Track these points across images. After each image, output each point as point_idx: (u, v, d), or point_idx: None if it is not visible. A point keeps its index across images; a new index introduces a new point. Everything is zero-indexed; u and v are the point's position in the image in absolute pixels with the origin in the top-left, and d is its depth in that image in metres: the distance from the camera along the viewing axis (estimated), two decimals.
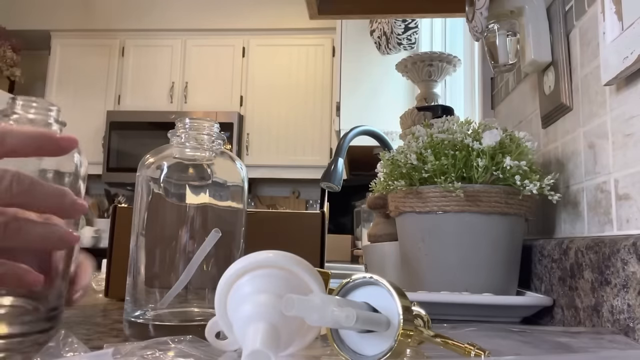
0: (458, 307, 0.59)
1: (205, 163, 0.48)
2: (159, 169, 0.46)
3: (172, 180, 0.46)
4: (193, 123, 0.47)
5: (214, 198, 0.47)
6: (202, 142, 0.47)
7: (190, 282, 0.44)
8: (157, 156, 0.48)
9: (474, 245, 0.62)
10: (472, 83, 1.77)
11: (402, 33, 1.93)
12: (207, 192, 0.47)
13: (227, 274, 0.32)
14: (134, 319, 0.44)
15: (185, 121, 0.47)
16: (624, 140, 0.51)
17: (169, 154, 0.47)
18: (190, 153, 0.47)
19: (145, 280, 0.45)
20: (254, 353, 0.27)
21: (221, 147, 0.49)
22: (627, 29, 0.48)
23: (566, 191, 0.65)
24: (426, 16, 1.15)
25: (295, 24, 3.78)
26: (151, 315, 0.44)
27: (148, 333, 0.42)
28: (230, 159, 0.50)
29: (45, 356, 0.31)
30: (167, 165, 0.47)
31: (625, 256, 0.45)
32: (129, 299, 0.44)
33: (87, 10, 3.99)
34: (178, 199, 0.47)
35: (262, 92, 3.89)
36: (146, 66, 4.01)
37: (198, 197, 0.47)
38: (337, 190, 1.09)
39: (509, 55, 0.73)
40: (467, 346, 0.33)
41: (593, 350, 0.40)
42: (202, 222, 0.46)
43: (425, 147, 0.64)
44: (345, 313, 0.27)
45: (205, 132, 0.47)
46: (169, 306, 0.44)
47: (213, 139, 0.47)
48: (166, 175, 0.46)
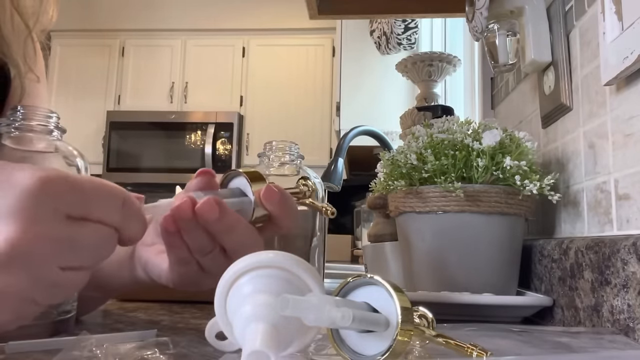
0: (458, 307, 0.58)
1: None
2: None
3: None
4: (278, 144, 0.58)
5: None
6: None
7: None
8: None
9: (474, 245, 0.62)
10: (472, 83, 1.77)
11: (402, 33, 1.93)
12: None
13: (226, 275, 0.32)
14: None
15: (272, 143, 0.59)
16: (624, 140, 0.51)
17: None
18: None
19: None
20: (254, 353, 0.27)
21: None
22: (627, 29, 0.48)
23: (566, 191, 0.65)
24: (426, 16, 1.16)
25: (295, 24, 3.78)
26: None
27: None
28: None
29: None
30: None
31: (625, 256, 0.45)
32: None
33: (87, 10, 3.99)
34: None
35: (262, 92, 3.89)
36: (146, 66, 4.01)
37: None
38: (337, 190, 1.09)
39: (509, 55, 0.73)
40: (469, 346, 0.33)
41: (593, 350, 0.40)
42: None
43: (425, 147, 0.64)
44: (342, 313, 0.27)
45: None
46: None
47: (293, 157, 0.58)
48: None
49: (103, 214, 0.34)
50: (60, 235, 0.32)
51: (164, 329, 0.48)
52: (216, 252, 0.42)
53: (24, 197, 0.30)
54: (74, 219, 0.32)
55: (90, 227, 0.33)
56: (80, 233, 0.33)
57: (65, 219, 0.32)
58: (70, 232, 0.32)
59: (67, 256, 0.32)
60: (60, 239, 0.32)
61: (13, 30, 0.65)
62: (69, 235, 0.32)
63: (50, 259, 0.31)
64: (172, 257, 0.44)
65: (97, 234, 0.34)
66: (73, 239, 0.32)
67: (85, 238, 0.33)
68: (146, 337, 0.39)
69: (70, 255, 0.32)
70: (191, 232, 0.41)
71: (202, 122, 3.78)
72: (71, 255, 0.32)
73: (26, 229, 0.30)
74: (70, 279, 0.33)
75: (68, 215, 0.32)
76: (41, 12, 0.69)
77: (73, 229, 0.32)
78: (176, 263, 0.44)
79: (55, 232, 0.31)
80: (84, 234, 0.33)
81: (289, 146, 0.58)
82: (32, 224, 0.30)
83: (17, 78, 0.65)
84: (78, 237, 0.32)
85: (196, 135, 3.78)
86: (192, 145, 3.77)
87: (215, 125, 3.75)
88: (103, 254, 0.35)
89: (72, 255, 0.33)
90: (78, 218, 0.32)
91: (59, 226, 0.31)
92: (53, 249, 0.31)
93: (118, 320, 0.53)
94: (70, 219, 0.32)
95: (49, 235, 0.31)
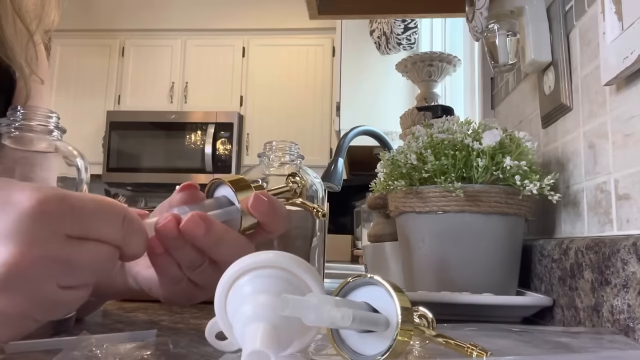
0: (458, 307, 0.58)
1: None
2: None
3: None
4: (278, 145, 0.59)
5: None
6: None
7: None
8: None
9: (474, 245, 0.62)
10: (472, 83, 1.77)
11: (402, 33, 1.93)
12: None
13: (226, 275, 0.32)
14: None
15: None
16: (624, 140, 0.51)
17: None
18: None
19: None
20: (254, 353, 0.27)
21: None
22: (627, 29, 0.48)
23: (566, 191, 0.65)
24: (426, 16, 1.16)
25: (295, 24, 3.78)
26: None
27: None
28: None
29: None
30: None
31: (625, 256, 0.45)
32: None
33: (87, 10, 3.99)
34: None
35: (262, 92, 3.89)
36: (146, 66, 4.01)
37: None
38: (337, 190, 1.09)
39: (509, 55, 0.73)
40: (469, 346, 0.33)
41: (593, 350, 0.40)
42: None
43: (425, 147, 0.64)
44: (342, 313, 0.27)
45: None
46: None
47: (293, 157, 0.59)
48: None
49: (103, 232, 0.33)
50: (59, 256, 0.31)
51: (164, 329, 0.48)
52: (205, 265, 0.41)
53: (22, 220, 0.30)
54: (74, 239, 0.32)
55: (90, 245, 0.33)
56: (80, 252, 0.32)
57: (64, 239, 0.32)
58: (69, 252, 0.32)
59: (66, 276, 0.32)
60: (59, 260, 0.31)
61: (15, 33, 0.65)
62: (68, 255, 0.32)
63: (49, 279, 0.31)
64: (163, 277, 0.43)
65: (97, 253, 0.33)
66: (72, 258, 0.32)
67: (84, 257, 0.33)
68: (146, 337, 0.39)
69: (70, 274, 0.32)
70: (179, 249, 0.40)
71: (202, 122, 3.78)
72: (70, 274, 0.32)
73: (24, 252, 0.30)
74: (70, 296, 0.33)
75: (67, 235, 0.32)
76: (43, 16, 0.69)
77: (73, 249, 0.32)
78: (167, 282, 0.43)
79: (54, 252, 0.31)
80: (84, 253, 0.33)
81: (289, 146, 0.59)
82: (30, 246, 0.30)
83: (22, 80, 0.65)
84: (77, 256, 0.32)
85: (196, 135, 3.78)
86: (192, 145, 3.77)
87: (215, 125, 3.75)
88: (103, 271, 0.34)
89: (71, 275, 0.32)
90: (78, 237, 0.32)
91: (58, 247, 0.31)
92: (52, 269, 0.31)
93: (118, 320, 0.53)
94: (69, 238, 0.32)
95: (48, 256, 0.31)
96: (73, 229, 0.32)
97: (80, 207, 0.33)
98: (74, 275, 0.33)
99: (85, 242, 0.33)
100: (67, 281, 0.32)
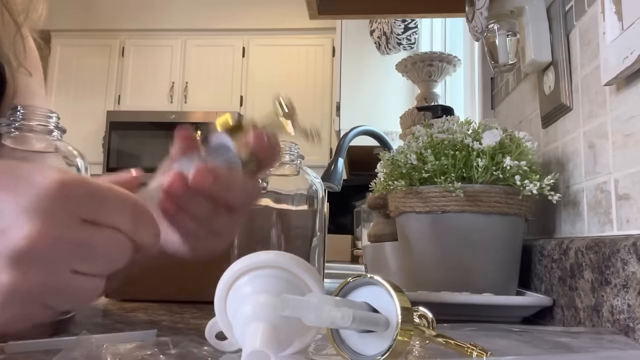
0: (458, 307, 0.58)
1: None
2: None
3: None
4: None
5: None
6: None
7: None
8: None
9: (474, 245, 0.62)
10: (472, 83, 1.77)
11: (402, 33, 1.93)
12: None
13: (226, 275, 0.32)
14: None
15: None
16: (624, 140, 0.51)
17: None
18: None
19: None
20: (254, 353, 0.27)
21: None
22: (627, 29, 0.48)
23: (566, 191, 0.65)
24: (426, 16, 1.16)
25: (295, 24, 3.78)
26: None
27: None
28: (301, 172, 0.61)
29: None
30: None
31: (625, 256, 0.45)
32: None
33: (87, 10, 3.99)
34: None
35: (262, 92, 3.89)
36: (146, 66, 4.01)
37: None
38: (337, 190, 1.09)
39: (509, 55, 0.73)
40: (469, 346, 0.33)
41: (593, 350, 0.40)
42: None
43: (425, 147, 0.64)
44: (342, 313, 0.27)
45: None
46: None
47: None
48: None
49: (117, 219, 0.34)
50: (76, 239, 0.32)
51: (164, 329, 0.48)
52: (221, 212, 0.43)
53: (42, 199, 0.31)
54: (89, 223, 0.32)
55: (106, 232, 0.33)
56: (96, 238, 0.33)
57: (80, 222, 0.32)
58: (85, 237, 0.32)
59: (80, 260, 0.32)
60: (74, 242, 0.32)
61: (3, 26, 0.66)
62: (84, 239, 0.32)
63: (64, 262, 0.31)
64: (183, 235, 0.44)
65: (112, 240, 0.33)
66: (87, 243, 0.32)
67: (100, 243, 0.33)
68: (146, 337, 0.39)
69: (84, 259, 0.32)
70: (191, 203, 0.41)
71: (202, 122, 3.78)
72: (85, 259, 0.32)
73: (43, 230, 0.30)
74: (82, 284, 0.33)
75: (83, 219, 0.32)
76: (30, 9, 0.70)
77: (89, 233, 0.32)
78: (186, 237, 0.44)
79: (72, 235, 0.31)
80: (100, 238, 0.33)
81: (289, 146, 0.59)
82: (49, 225, 0.30)
83: (9, 73, 0.66)
84: (92, 241, 0.32)
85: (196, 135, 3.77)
86: None
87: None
88: (117, 261, 0.34)
89: (85, 260, 0.32)
90: (91, 222, 0.32)
91: (74, 229, 0.32)
92: (67, 251, 0.31)
93: (118, 320, 0.53)
94: (85, 223, 0.32)
95: (65, 238, 0.31)
96: (88, 213, 0.32)
97: (99, 193, 0.33)
98: (89, 261, 0.33)
99: (100, 228, 0.33)
100: (81, 267, 0.32)
